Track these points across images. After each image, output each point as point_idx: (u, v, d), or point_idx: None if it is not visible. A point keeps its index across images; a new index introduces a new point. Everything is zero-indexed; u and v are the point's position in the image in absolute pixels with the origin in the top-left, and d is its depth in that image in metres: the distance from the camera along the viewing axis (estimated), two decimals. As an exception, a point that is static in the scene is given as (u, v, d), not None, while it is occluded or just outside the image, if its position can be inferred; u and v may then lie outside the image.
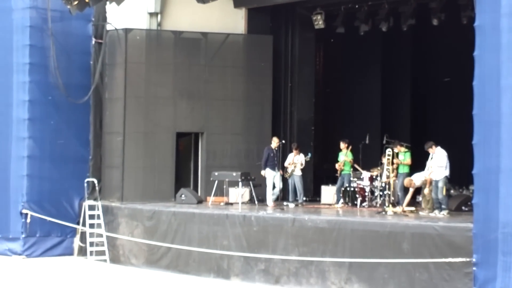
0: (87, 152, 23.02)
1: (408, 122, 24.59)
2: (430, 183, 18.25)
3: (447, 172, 18.18)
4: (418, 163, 18.87)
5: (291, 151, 21.55)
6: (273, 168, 20.95)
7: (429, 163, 18.29)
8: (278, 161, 21.09)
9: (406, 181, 18.91)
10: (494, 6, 13.88)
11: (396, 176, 19.85)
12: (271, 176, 20.87)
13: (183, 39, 23.19)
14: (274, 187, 21.02)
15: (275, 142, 21.18)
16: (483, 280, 13.89)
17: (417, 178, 18.85)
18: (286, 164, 21.53)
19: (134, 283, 18.71)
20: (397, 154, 19.82)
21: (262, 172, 21.22)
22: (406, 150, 19.65)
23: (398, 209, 19.05)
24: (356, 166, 21.37)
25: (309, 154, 21.71)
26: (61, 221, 22.24)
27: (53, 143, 22.35)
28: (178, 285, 18.32)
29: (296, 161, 21.19)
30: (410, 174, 19.50)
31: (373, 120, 24.79)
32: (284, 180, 22.01)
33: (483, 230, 13.94)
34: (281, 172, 21.32)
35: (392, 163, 19.94)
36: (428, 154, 18.19)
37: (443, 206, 18.12)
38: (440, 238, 15.69)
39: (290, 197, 21.24)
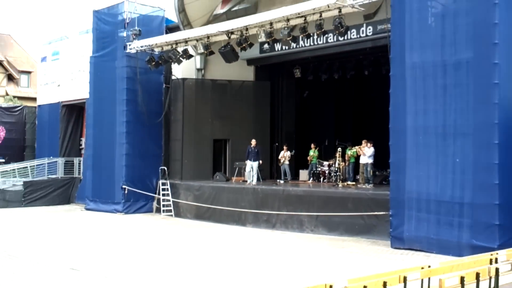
0: (161, 151, 23.06)
1: (351, 131, 24.60)
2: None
3: (371, 160, 18.46)
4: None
5: (282, 150, 21.56)
6: (251, 160, 20.48)
7: (363, 149, 18.57)
8: (256, 156, 20.49)
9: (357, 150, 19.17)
10: (401, 63, 13.92)
11: (347, 164, 20.04)
12: (251, 165, 20.38)
13: (216, 83, 23.27)
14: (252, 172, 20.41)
15: (253, 144, 20.62)
16: (395, 225, 13.94)
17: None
18: (279, 157, 21.48)
19: (189, 225, 18.94)
20: (348, 150, 20.04)
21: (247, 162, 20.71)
22: (353, 148, 19.77)
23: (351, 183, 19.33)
24: (320, 159, 21.50)
25: (293, 151, 21.77)
26: (145, 192, 22.38)
27: (140, 146, 22.45)
28: (214, 228, 18.48)
29: (285, 155, 21.21)
30: (356, 163, 19.72)
31: (330, 130, 24.81)
32: (278, 167, 22.16)
33: (396, 195, 13.98)
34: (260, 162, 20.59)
35: (343, 156, 20.17)
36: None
37: (370, 182, 18.30)
38: (370, 200, 15.95)
39: (282, 177, 21.24)
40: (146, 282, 10.29)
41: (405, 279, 5.76)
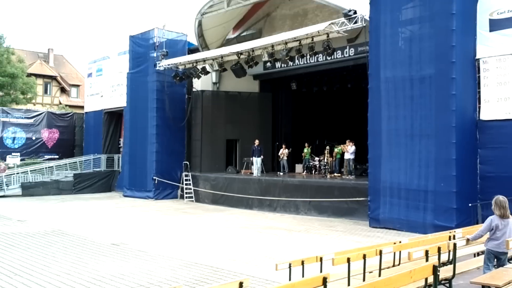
0: (184, 149, 23.07)
1: (337, 133, 24.39)
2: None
3: (353, 156, 18.40)
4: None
5: (281, 148, 21.56)
6: (255, 156, 20.51)
7: (347, 147, 18.51)
8: (259, 153, 20.52)
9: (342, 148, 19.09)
10: (377, 78, 14.01)
11: (334, 159, 20.04)
12: (255, 160, 20.43)
13: (229, 94, 23.26)
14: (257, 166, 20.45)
15: (256, 143, 20.61)
16: (373, 208, 14.07)
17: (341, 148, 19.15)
18: (279, 153, 21.44)
19: (207, 208, 18.89)
20: (335, 148, 19.99)
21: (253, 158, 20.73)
22: (338, 146, 19.72)
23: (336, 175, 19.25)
24: (312, 155, 21.46)
25: (290, 149, 21.70)
26: (171, 182, 22.44)
27: (167, 145, 22.41)
28: (227, 211, 18.46)
29: (284, 152, 21.19)
30: (341, 158, 19.56)
31: (320, 132, 24.60)
32: (278, 161, 22.13)
33: (373, 184, 14.13)
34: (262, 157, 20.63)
35: (330, 153, 20.18)
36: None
37: (352, 174, 18.26)
38: (353, 188, 15.97)
39: (281, 170, 21.25)
40: (176, 253, 10.35)
41: (380, 252, 5.79)
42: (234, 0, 19.41)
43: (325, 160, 20.12)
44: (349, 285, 5.17)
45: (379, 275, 5.59)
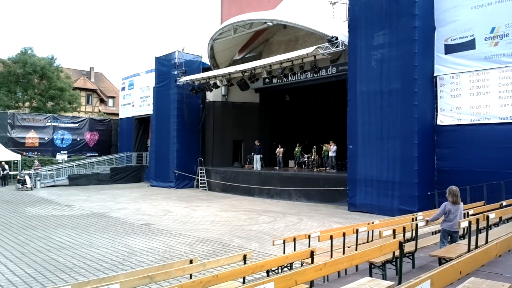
0: (199, 148, 23.01)
1: (322, 135, 24.32)
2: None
3: (335, 154, 18.26)
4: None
5: (277, 147, 21.50)
6: (256, 154, 20.39)
7: (330, 147, 18.38)
8: (259, 151, 20.44)
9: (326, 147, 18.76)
10: (354, 91, 13.97)
11: (321, 157, 19.94)
12: (256, 157, 20.30)
13: (235, 104, 23.16)
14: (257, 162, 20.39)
15: (257, 143, 20.49)
16: (351, 196, 13.98)
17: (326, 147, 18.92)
18: (276, 151, 21.34)
19: (217, 196, 18.81)
20: (323, 147, 19.85)
21: (254, 155, 20.60)
22: (325, 145, 19.60)
23: (322, 169, 19.11)
24: (302, 152, 21.38)
25: (284, 148, 21.54)
26: (189, 175, 22.38)
27: (186, 145, 22.31)
28: (234, 197, 18.37)
29: (279, 150, 21.09)
30: (327, 155, 19.35)
31: (308, 134, 24.45)
32: (275, 158, 22.06)
33: (351, 176, 14.03)
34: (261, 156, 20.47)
35: (317, 151, 20.06)
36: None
37: (334, 168, 18.14)
38: (335, 179, 15.82)
39: (277, 165, 21.16)
40: (192, 232, 10.36)
41: (357, 231, 5.80)
42: (240, 29, 19.43)
43: (312, 157, 20.06)
44: (331, 257, 5.17)
45: (356, 249, 5.59)
